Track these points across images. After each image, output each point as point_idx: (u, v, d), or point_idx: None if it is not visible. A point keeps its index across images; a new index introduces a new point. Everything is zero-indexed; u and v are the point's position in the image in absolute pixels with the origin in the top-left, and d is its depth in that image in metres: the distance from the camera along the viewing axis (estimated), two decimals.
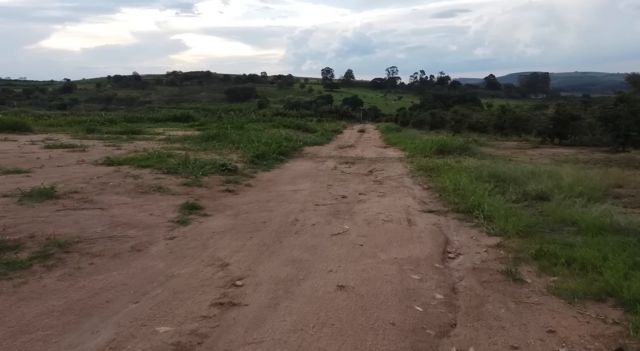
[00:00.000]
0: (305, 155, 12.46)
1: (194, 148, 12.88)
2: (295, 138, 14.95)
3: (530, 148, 17.55)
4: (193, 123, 24.68)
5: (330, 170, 9.76)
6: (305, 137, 19.84)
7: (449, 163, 9.22)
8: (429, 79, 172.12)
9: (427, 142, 12.01)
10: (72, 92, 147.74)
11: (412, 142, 14.78)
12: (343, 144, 17.40)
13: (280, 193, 7.11)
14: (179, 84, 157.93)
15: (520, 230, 4.69)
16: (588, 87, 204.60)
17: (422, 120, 40.63)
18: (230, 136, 15.51)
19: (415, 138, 19.86)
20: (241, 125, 22.25)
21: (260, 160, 10.12)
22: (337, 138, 23.92)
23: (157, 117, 28.23)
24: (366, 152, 13.53)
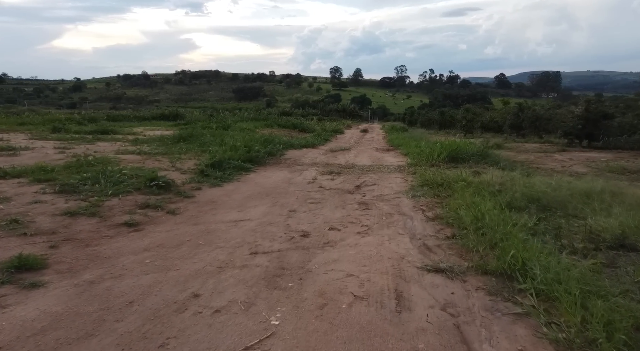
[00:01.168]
0: (283, 161, 9.98)
1: (153, 152, 10.53)
2: (278, 141, 12.48)
3: (556, 151, 14.88)
4: (179, 122, 22.35)
5: (305, 185, 7.27)
6: (295, 138, 17.39)
7: (465, 176, 6.67)
8: (438, 77, 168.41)
9: (435, 146, 9.41)
10: (81, 90, 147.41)
11: (418, 145, 12.22)
12: (337, 147, 14.89)
13: (212, 226, 4.65)
14: (188, 82, 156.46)
15: (623, 339, 2.20)
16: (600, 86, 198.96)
17: (430, 119, 37.91)
18: (204, 137, 13.15)
19: (422, 140, 17.29)
20: (228, 125, 19.85)
21: (216, 169, 7.67)
22: (335, 139, 21.40)
23: (144, 116, 25.97)
24: (361, 157, 11.01)
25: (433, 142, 11.33)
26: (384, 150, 14.64)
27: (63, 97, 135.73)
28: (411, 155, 10.19)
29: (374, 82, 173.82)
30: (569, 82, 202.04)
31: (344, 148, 13.56)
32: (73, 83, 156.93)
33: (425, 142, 14.22)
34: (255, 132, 19.86)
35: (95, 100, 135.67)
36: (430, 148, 9.14)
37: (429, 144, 10.88)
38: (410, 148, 11.97)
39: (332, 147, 15.15)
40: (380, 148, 16.18)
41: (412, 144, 13.00)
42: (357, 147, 15.67)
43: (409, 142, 16.01)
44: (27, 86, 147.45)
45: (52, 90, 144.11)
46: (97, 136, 15.65)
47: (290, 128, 22.57)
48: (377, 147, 16.80)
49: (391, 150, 14.52)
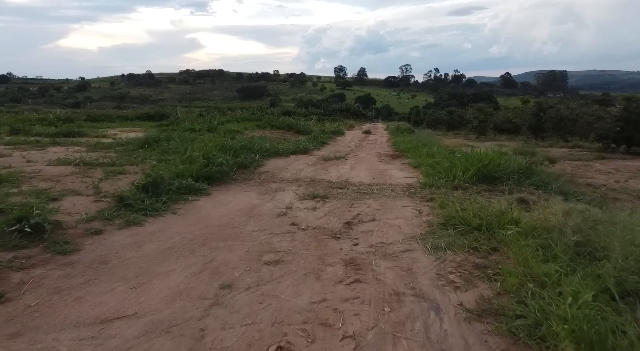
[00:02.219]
0: (257, 176, 7.58)
1: (96, 162, 8.24)
2: (259, 146, 10.08)
3: (593, 159, 12.39)
4: (163, 122, 20.01)
5: (272, 220, 4.87)
6: (287, 141, 15.01)
7: (511, 212, 4.25)
8: (443, 77, 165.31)
9: (456, 159, 6.86)
10: (86, 90, 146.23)
11: (430, 153, 9.80)
12: (333, 153, 12.46)
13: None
14: (192, 82, 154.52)
15: None
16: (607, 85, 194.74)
17: (437, 119, 35.41)
18: (171, 142, 10.84)
19: (432, 144, 14.84)
20: (214, 126, 17.49)
21: (150, 194, 5.31)
22: (333, 142, 18.98)
23: (127, 115, 23.70)
24: (358, 170, 8.55)
25: (451, 151, 8.89)
26: (388, 156, 12.20)
27: (67, 97, 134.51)
28: (424, 168, 7.73)
29: (379, 82, 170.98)
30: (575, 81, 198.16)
31: (340, 156, 11.10)
32: (78, 82, 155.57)
33: (437, 148, 11.78)
34: (243, 133, 17.51)
35: (99, 100, 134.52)
36: (450, 161, 6.65)
37: (446, 154, 8.42)
38: (420, 157, 9.52)
39: (327, 153, 12.73)
40: (384, 153, 13.74)
41: (423, 151, 10.55)
42: (356, 153, 13.24)
43: (417, 147, 13.56)
44: (32, 85, 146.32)
45: (57, 90, 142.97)
46: (57, 139, 13.41)
47: (284, 130, 20.19)
48: (380, 152, 14.36)
49: (397, 157, 12.07)
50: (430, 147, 13.52)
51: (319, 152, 13.63)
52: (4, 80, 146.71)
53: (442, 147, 15.18)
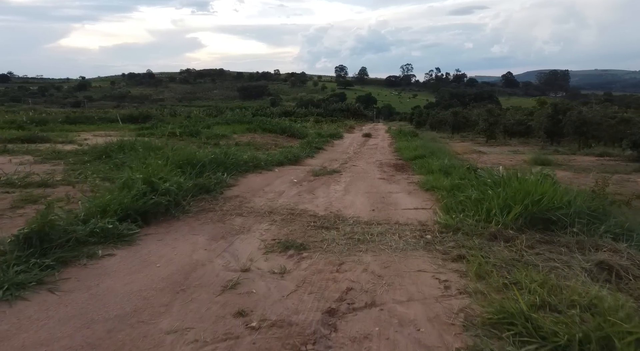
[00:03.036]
0: (222, 203, 5.68)
1: (24, 181, 6.42)
2: (233, 160, 8.17)
3: (631, 171, 10.48)
4: (143, 125, 18.14)
5: (210, 302, 2.97)
6: (278, 148, 13.18)
7: (624, 311, 2.35)
8: (444, 76, 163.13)
9: (487, 190, 4.71)
10: (86, 89, 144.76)
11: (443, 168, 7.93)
12: (326, 165, 10.60)
13: None
14: (193, 81, 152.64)
15: None
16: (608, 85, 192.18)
17: (441, 120, 33.45)
18: (133, 151, 9.00)
19: (442, 152, 12.97)
20: (197, 131, 15.65)
21: (35, 249, 3.46)
22: (330, 147, 17.10)
23: (109, 117, 21.85)
24: (355, 192, 6.63)
25: (471, 168, 6.99)
26: (391, 167, 10.30)
27: (67, 96, 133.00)
28: (440, 195, 5.81)
29: (380, 81, 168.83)
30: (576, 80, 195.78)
31: (334, 170, 9.16)
32: (78, 82, 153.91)
33: (449, 159, 9.90)
34: (230, 138, 15.66)
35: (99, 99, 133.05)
36: (481, 193, 4.70)
37: (468, 174, 6.51)
38: (432, 173, 7.63)
39: (321, 163, 10.89)
40: (387, 162, 11.85)
41: (434, 165, 8.66)
42: (354, 163, 11.35)
43: (424, 157, 11.69)
44: (32, 85, 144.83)
45: (57, 89, 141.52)
46: (9, 146, 11.61)
47: (277, 133, 18.33)
48: (382, 160, 12.47)
49: (401, 168, 10.17)
50: (440, 156, 11.65)
51: (312, 162, 11.76)
52: (4, 79, 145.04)
53: (453, 155, 13.29)
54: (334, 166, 10.66)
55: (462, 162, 9.69)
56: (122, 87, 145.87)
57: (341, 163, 11.88)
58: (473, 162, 12.59)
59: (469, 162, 8.75)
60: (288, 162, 10.80)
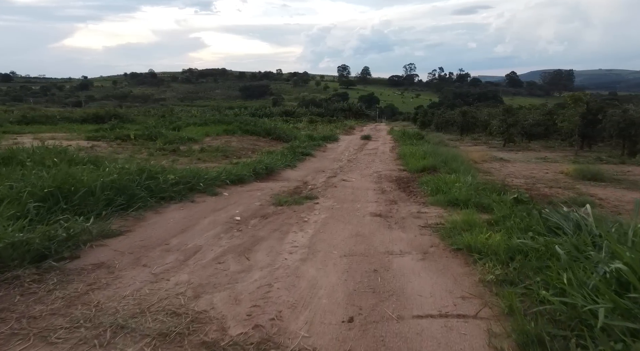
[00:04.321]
0: (47, 291, 2.77)
1: None
2: (155, 183, 5.25)
3: None
4: (102, 126, 15.22)
5: None
6: (240, 161, 10.31)
7: None
8: (447, 76, 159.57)
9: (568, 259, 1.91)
10: (88, 89, 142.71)
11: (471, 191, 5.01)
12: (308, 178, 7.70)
13: None
14: (195, 81, 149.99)
15: None
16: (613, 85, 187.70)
17: (448, 120, 30.39)
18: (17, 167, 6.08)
19: (456, 160, 10.03)
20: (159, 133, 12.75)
21: None
22: (321, 152, 14.16)
23: (73, 116, 19.01)
24: (327, 250, 3.69)
25: (535, 208, 4.02)
26: (392, 184, 7.38)
27: (69, 96, 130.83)
28: (493, 276, 2.85)
29: (383, 81, 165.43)
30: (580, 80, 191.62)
31: (309, 197, 6.12)
32: (80, 81, 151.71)
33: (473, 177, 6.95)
34: (199, 141, 12.77)
35: (101, 99, 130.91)
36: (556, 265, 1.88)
37: (565, 247, 3.53)
38: (459, 206, 4.71)
39: (297, 180, 7.96)
40: (387, 175, 8.92)
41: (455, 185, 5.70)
42: (344, 177, 8.39)
43: (436, 168, 8.75)
44: (34, 84, 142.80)
45: (59, 89, 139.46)
46: None
47: (259, 136, 15.42)
48: (382, 172, 9.53)
49: (407, 187, 7.22)
50: (455, 167, 8.69)
51: (290, 175, 8.84)
52: (7, 79, 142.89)
53: (471, 164, 10.33)
54: (316, 183, 7.73)
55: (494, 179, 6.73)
56: (124, 86, 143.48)
57: (327, 177, 8.95)
58: (499, 174, 9.63)
59: (518, 190, 5.71)
60: (254, 177, 7.88)
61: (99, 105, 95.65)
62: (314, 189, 7.22)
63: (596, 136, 13.90)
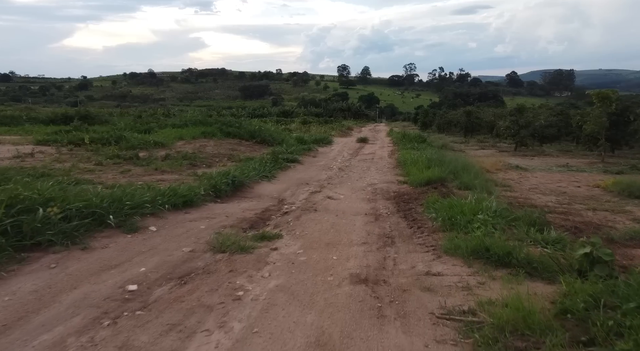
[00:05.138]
0: None
1: None
2: None
3: None
4: (62, 128, 13.39)
5: None
6: (207, 172, 8.50)
7: None
8: (448, 76, 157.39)
9: None
10: (87, 89, 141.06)
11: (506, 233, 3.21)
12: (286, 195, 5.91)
13: None
14: (194, 81, 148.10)
15: None
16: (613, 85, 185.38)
17: (451, 121, 28.53)
18: None
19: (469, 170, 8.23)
20: (120, 136, 10.94)
21: None
22: (310, 158, 12.34)
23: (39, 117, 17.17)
24: None
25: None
26: (390, 204, 5.59)
27: (68, 95, 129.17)
28: None
29: (383, 80, 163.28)
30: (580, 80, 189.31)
31: (266, 236, 4.12)
32: (79, 81, 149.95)
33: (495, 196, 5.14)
34: (169, 146, 10.97)
35: (100, 99, 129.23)
36: None
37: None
38: (478, 245, 2.92)
39: (271, 197, 6.17)
40: (383, 190, 7.12)
41: (479, 218, 3.89)
42: (329, 194, 6.57)
43: (445, 181, 6.97)
44: (33, 84, 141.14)
45: (58, 89, 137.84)
46: None
47: (241, 138, 13.60)
48: (378, 186, 7.71)
49: (410, 209, 5.41)
50: (470, 181, 6.90)
51: (263, 190, 7.04)
52: (6, 79, 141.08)
53: (486, 175, 8.49)
54: (294, 202, 5.92)
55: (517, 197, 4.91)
56: (124, 86, 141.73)
57: (310, 192, 7.14)
58: (520, 189, 7.79)
59: (588, 240, 3.80)
60: (212, 195, 6.08)
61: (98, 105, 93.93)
62: (286, 214, 5.41)
63: (620, 139, 12.09)
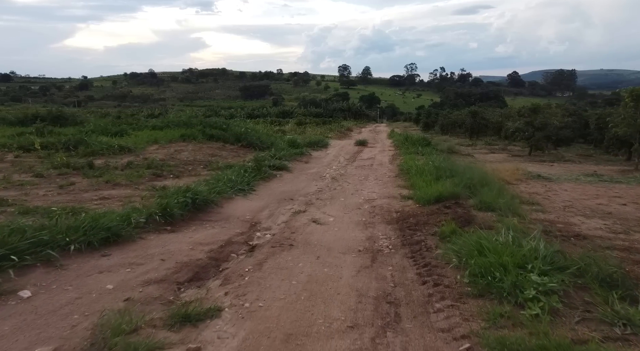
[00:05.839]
0: None
1: None
2: None
3: None
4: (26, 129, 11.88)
5: None
6: (168, 186, 6.95)
7: None
8: (449, 76, 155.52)
9: None
10: (88, 89, 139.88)
11: None
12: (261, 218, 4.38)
13: None
14: (195, 81, 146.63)
15: None
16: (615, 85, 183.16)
17: (455, 121, 26.90)
18: None
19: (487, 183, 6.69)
20: (79, 140, 9.43)
21: None
22: (302, 164, 10.80)
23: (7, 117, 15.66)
24: None
25: None
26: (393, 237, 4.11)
27: (68, 95, 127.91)
28: None
29: (383, 81, 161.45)
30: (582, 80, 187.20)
31: (189, 316, 2.49)
32: (80, 81, 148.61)
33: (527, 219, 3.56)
34: (136, 152, 9.47)
35: (101, 99, 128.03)
36: None
37: None
38: None
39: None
40: (383, 209, 5.62)
41: (527, 281, 2.37)
42: (314, 216, 5.08)
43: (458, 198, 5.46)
44: (34, 84, 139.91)
45: (59, 89, 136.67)
46: None
47: (226, 142, 12.08)
48: (376, 201, 6.20)
49: (419, 245, 3.91)
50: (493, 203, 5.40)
51: (234, 209, 5.55)
52: (6, 79, 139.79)
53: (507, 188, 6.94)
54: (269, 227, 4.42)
55: (553, 221, 3.38)
56: (124, 86, 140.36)
57: (292, 213, 5.64)
58: (552, 208, 6.25)
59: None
60: (158, 223, 4.57)
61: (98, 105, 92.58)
62: (252, 251, 3.90)
63: None
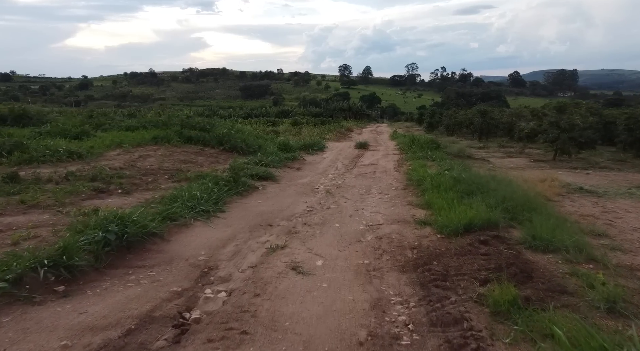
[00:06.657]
0: None
1: None
2: None
3: None
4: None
5: None
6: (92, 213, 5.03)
7: None
8: (450, 76, 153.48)
9: None
10: (88, 89, 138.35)
11: None
12: (203, 270, 2.63)
13: None
14: (195, 80, 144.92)
15: None
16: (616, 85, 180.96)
17: (461, 122, 25.10)
18: None
19: (531, 203, 4.79)
20: (18, 143, 7.69)
21: None
22: (292, 172, 9.04)
23: None
24: None
25: None
26: None
27: (68, 95, 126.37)
28: None
29: (384, 80, 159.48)
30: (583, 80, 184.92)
31: None
32: (80, 81, 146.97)
33: None
34: (90, 158, 7.72)
35: (101, 98, 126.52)
36: None
37: None
38: None
39: (174, 286, 2.89)
40: (392, 246, 3.93)
41: None
42: (292, 265, 3.37)
43: (496, 226, 3.64)
44: (34, 84, 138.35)
45: (58, 88, 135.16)
46: None
47: (206, 145, 10.32)
48: (383, 230, 4.48)
49: (467, 339, 2.18)
50: (549, 236, 3.58)
51: (186, 246, 3.74)
52: (6, 78, 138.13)
53: (555, 211, 5.20)
54: (215, 295, 2.66)
55: None
56: (124, 86, 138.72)
57: (264, 253, 3.91)
58: (622, 241, 4.50)
59: None
60: (54, 281, 2.81)
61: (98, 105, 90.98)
62: (180, 342, 2.14)
63: None
